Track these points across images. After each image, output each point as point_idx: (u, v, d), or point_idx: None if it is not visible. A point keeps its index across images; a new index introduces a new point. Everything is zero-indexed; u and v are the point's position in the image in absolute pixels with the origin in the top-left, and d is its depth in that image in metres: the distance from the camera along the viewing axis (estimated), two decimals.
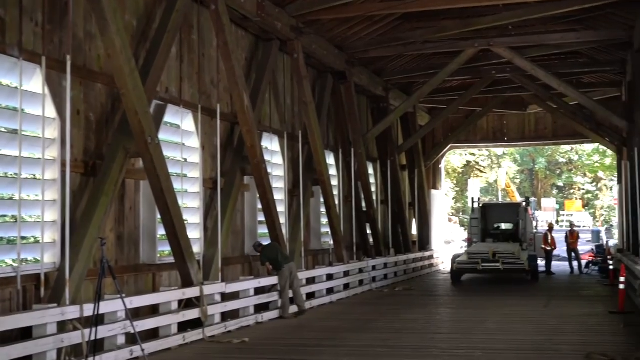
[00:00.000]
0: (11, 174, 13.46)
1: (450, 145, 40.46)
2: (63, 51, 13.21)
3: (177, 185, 15.83)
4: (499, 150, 76.08)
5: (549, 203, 78.47)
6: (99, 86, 14.41)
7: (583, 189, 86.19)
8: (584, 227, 63.26)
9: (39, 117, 12.66)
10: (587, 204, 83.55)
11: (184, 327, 14.69)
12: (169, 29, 15.61)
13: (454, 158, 70.00)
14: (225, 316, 16.48)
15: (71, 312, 11.85)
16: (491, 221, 32.91)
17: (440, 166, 41.83)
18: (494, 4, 22.35)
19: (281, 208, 21.11)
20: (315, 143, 23.01)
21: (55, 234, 12.85)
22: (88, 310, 11.82)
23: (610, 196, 77.72)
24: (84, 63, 14.00)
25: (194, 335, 14.80)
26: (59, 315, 11.62)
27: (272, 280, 18.64)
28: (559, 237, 36.31)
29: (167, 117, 16.34)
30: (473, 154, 74.82)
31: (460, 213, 74.00)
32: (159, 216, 15.30)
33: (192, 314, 14.94)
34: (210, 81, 18.58)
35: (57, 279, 12.64)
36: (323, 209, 24.72)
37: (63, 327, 11.79)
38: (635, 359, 12.52)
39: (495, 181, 78.69)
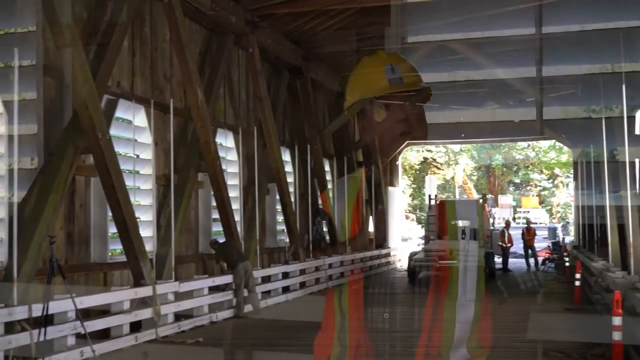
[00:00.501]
0: None
1: (407, 142, 40.43)
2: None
3: (129, 182, 15.62)
4: (456, 147, 76.35)
5: (505, 200, 78.81)
6: (48, 80, 14.08)
7: (540, 186, 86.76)
8: (540, 224, 63.52)
9: None
10: (543, 201, 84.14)
11: (136, 327, 14.45)
12: (120, 21, 15.35)
13: (410, 155, 70.09)
14: (179, 316, 16.23)
15: (19, 312, 11.60)
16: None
17: (397, 163, 41.83)
18: None
19: (236, 205, 20.87)
20: (270, 139, 22.81)
21: (3, 232, 12.60)
22: (37, 310, 11.59)
23: (566, 193, 78.37)
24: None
25: (146, 336, 14.57)
26: (6, 316, 11.39)
27: (227, 278, 18.41)
28: (516, 234, 36.45)
29: (119, 112, 16.15)
30: (430, 151, 74.89)
31: (417, 210, 74.18)
32: (110, 214, 15.11)
33: (145, 313, 14.71)
34: (163, 75, 18.32)
35: (5, 279, 12.34)
36: (279, 206, 24.53)
37: (11, 328, 11.54)
38: (591, 355, 12.54)
39: (452, 178, 78.90)
